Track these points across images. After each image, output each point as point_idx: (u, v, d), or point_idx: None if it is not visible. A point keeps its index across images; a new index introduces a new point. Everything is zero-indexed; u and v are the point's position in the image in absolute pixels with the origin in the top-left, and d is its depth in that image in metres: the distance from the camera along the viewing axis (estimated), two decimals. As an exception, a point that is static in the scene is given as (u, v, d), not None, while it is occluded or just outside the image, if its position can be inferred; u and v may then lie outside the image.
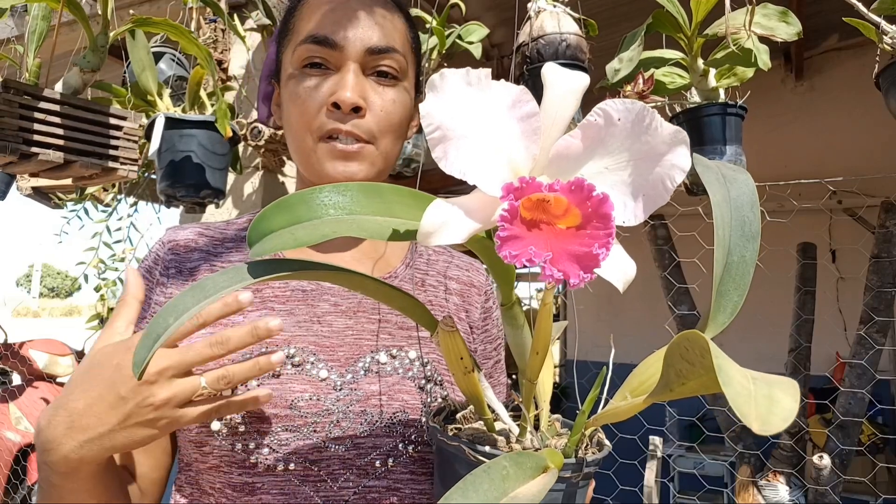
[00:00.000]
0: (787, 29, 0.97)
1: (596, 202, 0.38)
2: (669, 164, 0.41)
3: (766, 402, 0.26)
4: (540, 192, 0.38)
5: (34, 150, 0.99)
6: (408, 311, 0.52)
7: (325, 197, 0.45)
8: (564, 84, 0.42)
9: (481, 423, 0.54)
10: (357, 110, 0.66)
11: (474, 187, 0.41)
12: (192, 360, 0.52)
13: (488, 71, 0.41)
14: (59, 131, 1.02)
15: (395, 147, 0.71)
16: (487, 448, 0.47)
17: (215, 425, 0.62)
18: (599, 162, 0.42)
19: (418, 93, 0.77)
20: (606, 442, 0.51)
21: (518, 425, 0.51)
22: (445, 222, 0.40)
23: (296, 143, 0.70)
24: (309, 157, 0.68)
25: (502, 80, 0.42)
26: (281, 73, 0.73)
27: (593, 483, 0.54)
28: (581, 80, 0.42)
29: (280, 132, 1.50)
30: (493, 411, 0.52)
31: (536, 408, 0.52)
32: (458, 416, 0.56)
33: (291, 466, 0.61)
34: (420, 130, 1.61)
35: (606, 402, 0.51)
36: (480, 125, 0.41)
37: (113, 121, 1.10)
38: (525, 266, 0.37)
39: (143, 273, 0.71)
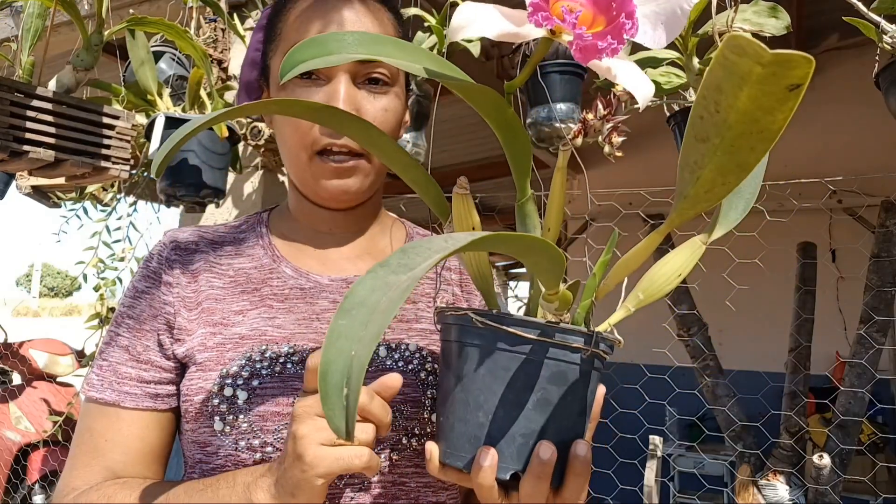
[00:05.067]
0: (777, 24, 0.97)
1: (620, 2, 0.41)
2: None
3: None
4: None
5: (25, 147, 0.99)
6: (420, 186, 0.53)
7: (350, 36, 0.47)
8: None
9: None
10: None
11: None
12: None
13: None
14: (51, 129, 1.01)
15: None
16: (494, 311, 0.48)
17: (218, 425, 0.62)
18: None
19: (408, 90, 0.77)
20: (619, 338, 0.52)
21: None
22: (480, 15, 0.43)
23: (290, 158, 0.70)
24: (303, 172, 0.69)
25: None
26: (269, 77, 0.73)
27: (603, 389, 0.54)
28: None
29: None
30: None
31: None
32: None
33: None
34: (417, 128, 1.59)
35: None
36: None
37: (105, 120, 1.10)
38: (560, 23, 0.40)
39: (149, 274, 0.70)
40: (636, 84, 0.46)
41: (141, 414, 0.66)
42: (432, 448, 0.52)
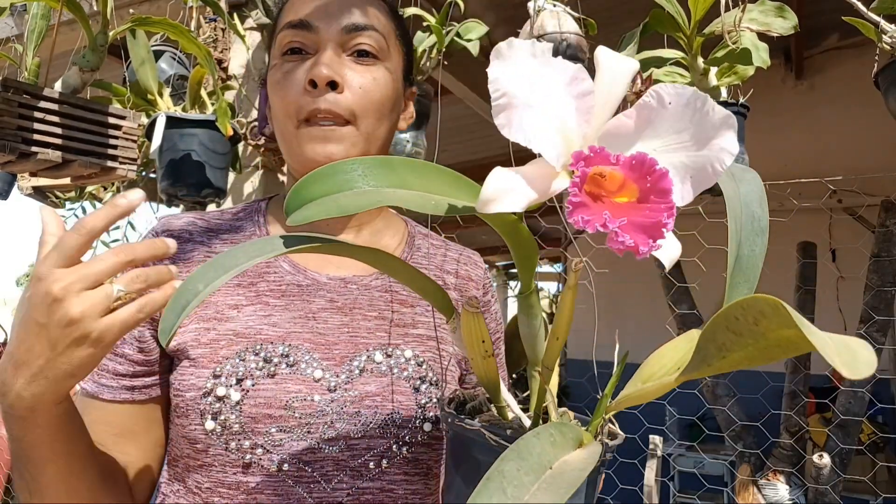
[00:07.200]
0: (784, 23, 0.97)
1: (657, 177, 0.39)
2: (718, 147, 0.42)
3: (847, 351, 0.28)
4: (608, 162, 0.39)
5: (33, 149, 0.99)
6: (428, 294, 0.53)
7: (361, 168, 0.46)
8: (616, 67, 0.44)
9: (491, 412, 0.54)
10: (334, 86, 0.65)
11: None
12: (99, 269, 0.50)
13: (550, 45, 0.42)
14: (58, 130, 1.02)
15: (378, 129, 0.69)
16: (508, 432, 0.47)
17: (209, 424, 0.61)
18: (649, 143, 0.43)
19: (409, 84, 0.76)
20: (619, 432, 0.52)
21: (528, 416, 0.51)
22: (509, 189, 0.41)
23: (280, 131, 0.69)
24: (291, 142, 0.68)
25: (560, 58, 0.43)
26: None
27: (603, 475, 0.55)
28: (632, 65, 0.44)
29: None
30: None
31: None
32: (468, 406, 0.57)
33: (285, 467, 0.61)
34: (417, 127, 1.58)
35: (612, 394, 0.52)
36: (543, 97, 0.42)
37: (112, 120, 1.10)
38: (598, 230, 0.38)
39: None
40: (663, 250, 0.44)
41: (118, 406, 0.66)
42: None
